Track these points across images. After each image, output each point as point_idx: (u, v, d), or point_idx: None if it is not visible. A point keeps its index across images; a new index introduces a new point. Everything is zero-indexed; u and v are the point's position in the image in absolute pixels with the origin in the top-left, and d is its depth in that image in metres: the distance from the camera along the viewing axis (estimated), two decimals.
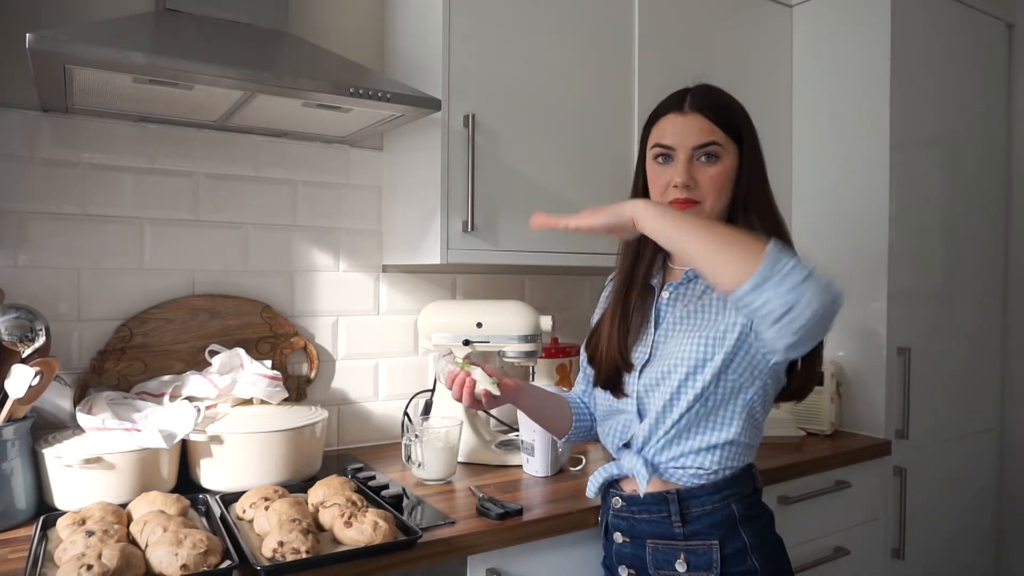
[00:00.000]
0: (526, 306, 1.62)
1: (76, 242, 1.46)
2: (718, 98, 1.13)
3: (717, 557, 1.06)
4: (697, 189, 1.08)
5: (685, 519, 1.07)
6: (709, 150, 1.09)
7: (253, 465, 1.31)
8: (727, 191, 1.10)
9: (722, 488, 1.07)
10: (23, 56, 1.20)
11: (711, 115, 1.09)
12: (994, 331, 2.28)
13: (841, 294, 0.90)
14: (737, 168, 1.10)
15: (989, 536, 2.30)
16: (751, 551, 1.06)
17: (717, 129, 1.09)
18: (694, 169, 1.09)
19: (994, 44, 2.25)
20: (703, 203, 1.09)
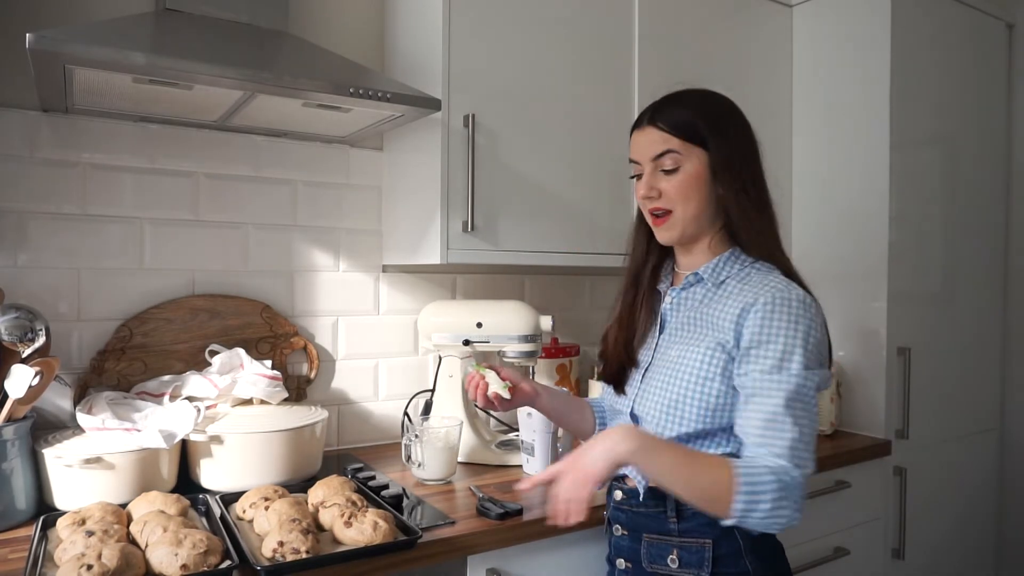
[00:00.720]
0: (526, 306, 1.62)
1: (76, 242, 1.46)
2: (677, 105, 1.12)
3: (709, 556, 1.06)
4: (665, 198, 1.10)
5: (680, 515, 1.08)
6: (665, 160, 1.09)
7: (253, 465, 1.31)
8: (696, 196, 1.09)
9: None
10: (23, 56, 1.20)
11: (664, 125, 1.10)
12: (994, 331, 2.28)
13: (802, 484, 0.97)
14: (707, 171, 1.08)
15: (989, 536, 2.30)
16: (745, 553, 1.06)
17: (672, 138, 1.08)
18: (658, 180, 1.10)
19: (994, 44, 2.25)
20: (674, 211, 1.10)
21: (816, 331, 1.01)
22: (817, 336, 1.01)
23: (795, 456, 0.97)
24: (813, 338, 1.00)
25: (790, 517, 0.95)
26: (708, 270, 1.12)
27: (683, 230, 1.11)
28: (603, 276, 2.18)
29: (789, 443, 0.97)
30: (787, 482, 0.95)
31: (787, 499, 0.95)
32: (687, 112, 1.10)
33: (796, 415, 0.97)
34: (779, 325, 1.00)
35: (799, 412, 0.98)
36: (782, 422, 0.97)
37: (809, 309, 1.02)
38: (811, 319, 1.01)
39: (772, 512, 0.94)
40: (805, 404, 0.98)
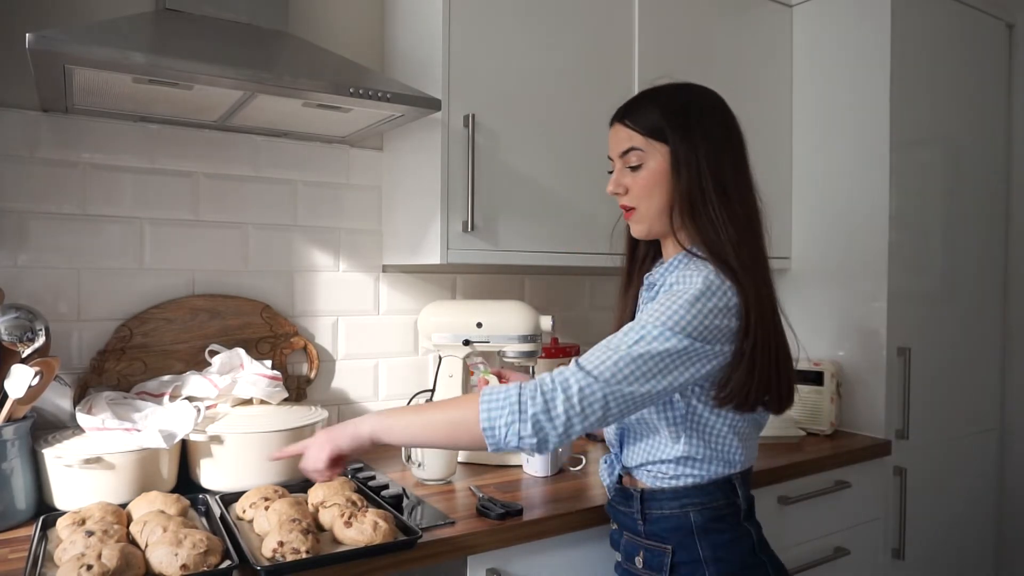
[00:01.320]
0: (526, 306, 1.62)
1: (76, 242, 1.46)
2: (644, 102, 1.12)
3: (668, 562, 1.06)
4: (630, 195, 1.11)
5: (646, 518, 1.09)
6: (629, 157, 1.10)
7: (253, 465, 1.31)
8: (657, 194, 1.08)
9: (683, 496, 1.07)
10: (23, 56, 1.20)
11: (629, 122, 1.10)
12: (994, 331, 2.28)
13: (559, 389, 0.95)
14: (670, 168, 1.07)
15: (989, 536, 2.30)
16: (705, 563, 1.05)
17: (636, 135, 1.09)
18: (624, 177, 1.11)
19: (994, 44, 2.25)
20: (638, 208, 1.11)
21: (699, 311, 0.96)
22: (697, 315, 0.96)
23: (573, 365, 0.96)
24: (688, 314, 0.96)
25: (535, 422, 0.93)
26: (660, 272, 1.12)
27: (650, 226, 1.11)
28: (603, 276, 2.18)
29: (574, 363, 0.96)
30: (534, 386, 0.95)
31: (534, 401, 0.94)
32: (652, 108, 1.10)
33: (619, 342, 0.96)
34: (660, 300, 0.99)
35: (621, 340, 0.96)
36: (593, 353, 0.97)
37: (702, 295, 0.97)
38: (694, 301, 0.97)
39: (516, 417, 0.94)
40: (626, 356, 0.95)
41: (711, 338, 0.97)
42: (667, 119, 1.08)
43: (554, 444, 0.95)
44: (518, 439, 0.94)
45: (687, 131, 1.07)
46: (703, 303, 0.97)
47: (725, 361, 1.00)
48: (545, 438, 0.94)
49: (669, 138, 1.07)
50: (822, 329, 2.05)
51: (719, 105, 1.12)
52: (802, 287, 2.11)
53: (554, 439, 0.95)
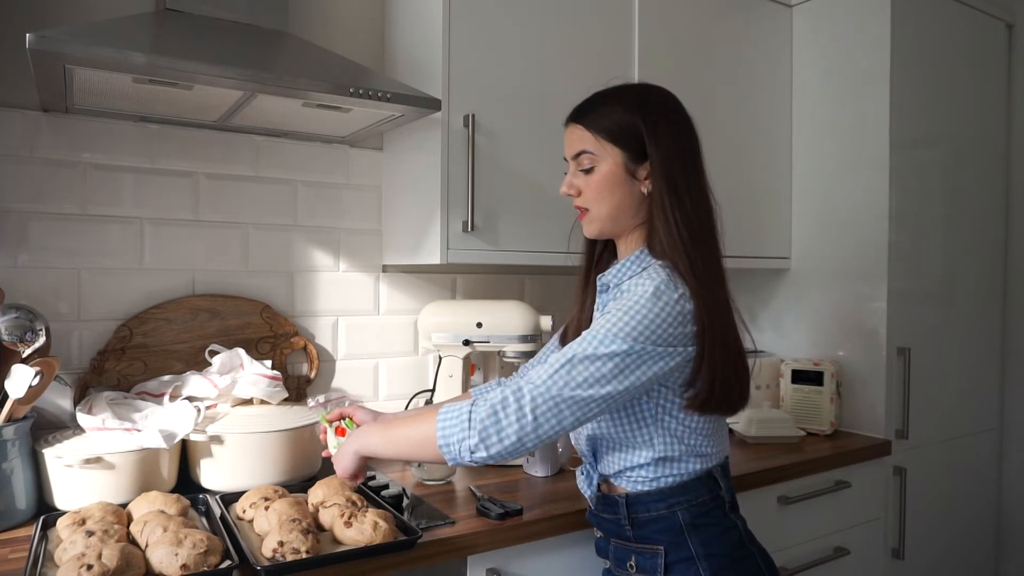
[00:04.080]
0: (526, 306, 1.62)
1: (76, 242, 1.46)
2: (599, 104, 1.10)
3: (661, 563, 1.06)
4: (582, 197, 1.11)
5: (634, 523, 1.08)
6: (580, 161, 1.10)
7: (253, 465, 1.31)
8: (609, 196, 1.08)
9: (668, 496, 1.06)
10: (23, 56, 1.20)
11: (583, 123, 1.10)
12: (994, 331, 2.28)
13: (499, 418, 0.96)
14: (624, 171, 1.07)
15: (989, 536, 2.30)
16: (698, 560, 1.05)
17: (588, 137, 1.08)
18: (577, 178, 1.11)
19: (994, 44, 2.25)
20: (591, 210, 1.10)
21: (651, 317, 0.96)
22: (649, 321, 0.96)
23: (513, 385, 0.98)
24: (638, 320, 0.96)
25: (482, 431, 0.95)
26: (613, 273, 1.11)
27: (601, 227, 1.11)
28: None
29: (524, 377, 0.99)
30: (482, 405, 0.96)
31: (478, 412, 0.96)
32: (606, 111, 1.08)
33: (554, 361, 0.97)
34: (611, 308, 0.99)
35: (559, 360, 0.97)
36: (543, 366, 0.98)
37: (653, 301, 0.97)
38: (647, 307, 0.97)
39: (465, 430, 0.96)
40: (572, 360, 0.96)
41: (661, 342, 0.97)
42: (620, 122, 1.07)
43: (506, 455, 0.96)
44: (470, 453, 0.96)
45: (640, 135, 1.06)
46: (655, 309, 0.97)
47: (683, 362, 1.00)
48: (498, 451, 0.96)
49: (622, 142, 1.06)
50: (822, 329, 2.05)
51: (673, 106, 1.10)
52: (802, 287, 2.11)
53: (505, 451, 0.96)
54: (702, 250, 1.04)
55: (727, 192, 1.82)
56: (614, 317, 0.98)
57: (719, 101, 1.97)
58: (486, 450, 0.95)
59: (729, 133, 1.99)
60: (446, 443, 0.97)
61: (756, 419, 1.81)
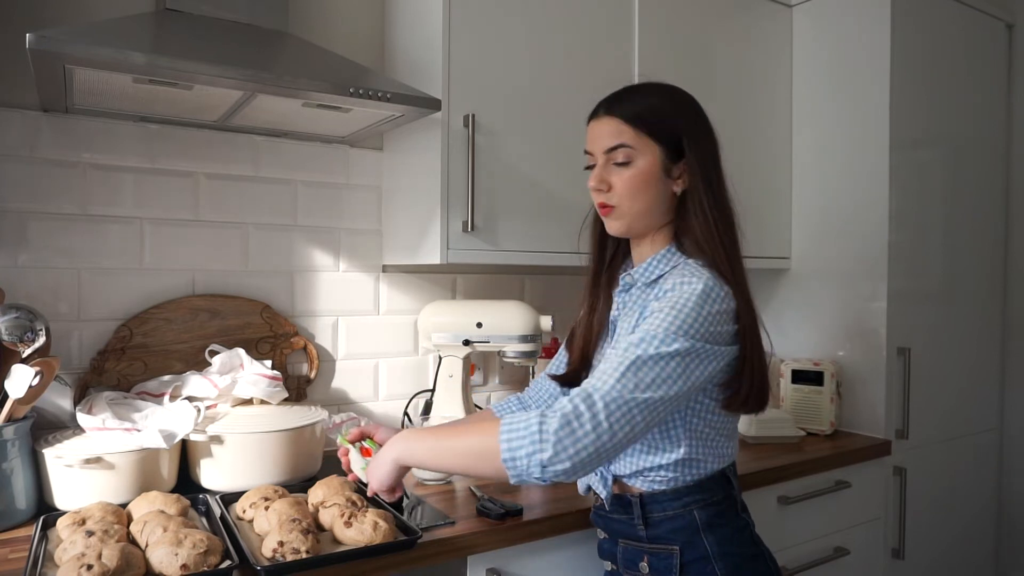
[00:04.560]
0: (526, 306, 1.62)
1: (76, 242, 1.46)
2: (635, 97, 1.09)
3: (677, 563, 1.05)
4: (611, 192, 1.07)
5: (647, 523, 1.07)
6: (618, 153, 1.06)
7: (253, 465, 1.31)
8: (643, 193, 1.06)
9: (684, 495, 1.06)
10: (23, 56, 1.20)
11: (621, 116, 1.06)
12: (994, 331, 2.28)
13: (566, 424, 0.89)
14: (660, 168, 1.06)
15: (989, 536, 2.30)
16: (714, 560, 1.04)
17: (628, 130, 1.05)
18: (609, 173, 1.07)
19: (994, 44, 2.25)
20: (619, 207, 1.07)
21: (704, 315, 0.96)
22: (703, 319, 0.96)
23: (589, 383, 0.92)
24: (693, 318, 0.96)
25: (557, 443, 0.87)
26: (640, 270, 1.10)
27: (630, 224, 1.08)
28: None
29: (588, 383, 0.92)
30: (554, 410, 0.90)
31: (552, 422, 0.89)
32: (645, 105, 1.07)
33: (617, 364, 0.92)
34: (662, 306, 0.98)
35: (622, 363, 0.92)
36: (603, 369, 0.94)
37: (705, 300, 0.97)
38: (700, 305, 0.96)
39: (537, 443, 0.88)
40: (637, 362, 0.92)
41: (713, 340, 0.97)
42: (661, 119, 1.06)
43: (580, 469, 0.89)
44: (541, 469, 0.88)
45: (678, 134, 1.06)
46: (707, 307, 0.97)
47: (727, 362, 1.00)
48: (574, 464, 0.88)
49: (662, 138, 1.05)
50: (822, 329, 2.05)
51: (700, 109, 1.11)
52: (802, 287, 2.11)
53: (581, 464, 0.89)
54: (736, 250, 1.06)
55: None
56: (670, 315, 0.96)
57: (719, 101, 1.97)
58: (561, 464, 0.88)
59: (729, 133, 1.96)
60: (513, 457, 0.89)
61: (756, 419, 1.81)
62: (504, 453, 0.90)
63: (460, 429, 0.99)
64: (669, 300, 0.98)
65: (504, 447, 0.90)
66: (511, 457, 0.90)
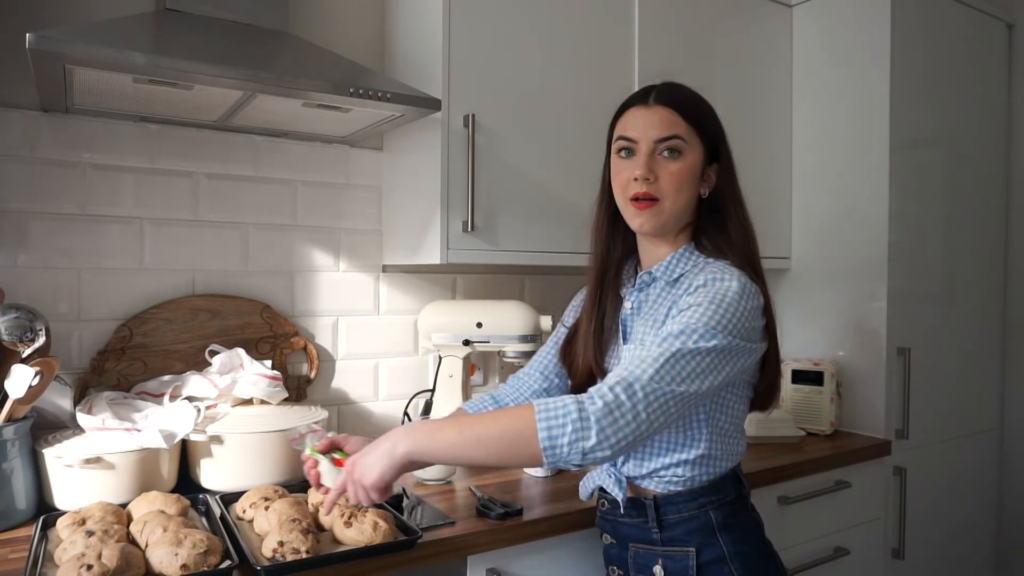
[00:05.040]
0: (526, 306, 1.62)
1: (76, 242, 1.46)
2: (686, 94, 1.10)
3: (693, 564, 1.04)
4: (657, 184, 1.05)
5: (662, 525, 1.06)
6: (671, 144, 1.04)
7: (253, 465, 1.31)
8: (687, 190, 1.06)
9: (699, 495, 1.05)
10: (23, 56, 1.20)
11: (677, 108, 1.06)
12: (994, 331, 2.28)
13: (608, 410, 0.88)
14: (701, 167, 1.07)
15: (989, 536, 2.30)
16: (730, 560, 1.04)
17: (682, 123, 1.05)
18: (655, 163, 1.05)
19: (994, 44, 2.25)
20: (662, 201, 1.05)
21: (741, 312, 0.97)
22: (740, 316, 0.97)
23: (626, 371, 0.91)
24: (731, 314, 0.96)
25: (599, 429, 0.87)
26: (662, 268, 1.10)
27: (666, 222, 1.07)
28: None
29: (625, 371, 0.91)
30: (592, 394, 0.89)
31: (594, 405, 0.88)
32: (695, 102, 1.09)
33: (657, 355, 0.92)
34: (699, 301, 0.98)
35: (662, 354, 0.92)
36: (641, 358, 0.93)
37: (741, 296, 0.98)
38: (737, 302, 0.97)
39: (579, 428, 0.87)
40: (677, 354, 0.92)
41: (746, 336, 0.99)
42: (709, 119, 1.09)
43: (618, 454, 0.89)
44: (582, 455, 0.87)
45: (717, 137, 1.10)
46: (743, 303, 0.98)
47: (756, 359, 1.03)
48: (616, 450, 0.88)
49: (706, 139, 1.08)
50: (822, 329, 2.05)
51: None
52: (802, 287, 2.11)
53: (620, 449, 0.88)
54: (758, 251, 1.10)
55: None
56: (709, 309, 0.96)
57: (719, 101, 1.93)
58: (602, 451, 0.87)
59: (729, 133, 1.96)
60: (552, 444, 0.87)
61: (756, 419, 1.81)
62: (544, 440, 0.87)
63: (482, 419, 0.94)
64: (707, 295, 0.98)
65: (543, 434, 0.87)
66: (551, 444, 0.87)
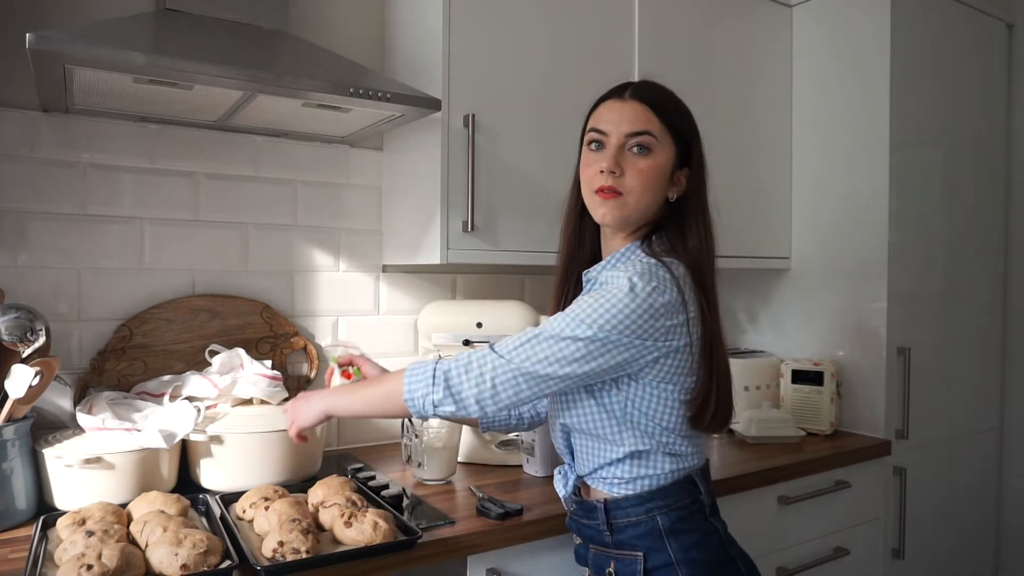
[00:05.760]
0: (526, 306, 1.62)
1: (76, 242, 1.46)
2: (663, 93, 1.08)
3: (641, 568, 1.04)
4: (623, 179, 1.03)
5: (612, 528, 1.07)
6: (641, 140, 1.03)
7: (253, 465, 1.31)
8: (652, 190, 1.04)
9: (647, 500, 1.05)
10: (23, 56, 1.20)
11: (650, 104, 1.05)
12: (994, 331, 2.28)
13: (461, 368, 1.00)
14: (670, 168, 1.05)
15: (989, 536, 2.30)
16: (677, 565, 1.04)
17: (655, 120, 1.04)
18: (623, 158, 1.03)
19: (994, 44, 2.25)
20: (627, 196, 1.03)
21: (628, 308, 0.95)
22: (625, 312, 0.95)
23: (483, 350, 1.01)
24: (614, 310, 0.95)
25: (446, 382, 0.99)
26: (598, 268, 1.10)
27: (629, 216, 1.05)
28: None
29: (500, 343, 1.01)
30: (447, 364, 1.01)
31: (444, 365, 1.01)
32: (671, 100, 1.08)
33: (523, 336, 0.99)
34: (584, 298, 0.99)
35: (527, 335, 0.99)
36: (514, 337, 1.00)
37: (631, 293, 0.96)
38: (624, 298, 0.96)
39: (430, 381, 1.00)
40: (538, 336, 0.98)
41: (635, 334, 0.96)
42: (684, 120, 1.07)
43: (465, 414, 1.00)
44: (433, 408, 1.00)
45: (690, 139, 1.08)
46: (634, 301, 0.96)
47: (659, 357, 0.99)
48: (457, 410, 0.99)
49: (679, 140, 1.06)
50: (822, 329, 2.05)
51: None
52: (802, 287, 2.11)
53: (464, 410, 0.99)
54: (713, 262, 1.07)
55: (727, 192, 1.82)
56: (588, 305, 0.98)
57: (719, 101, 1.97)
58: (447, 406, 0.99)
59: (729, 133, 1.99)
60: (411, 397, 1.01)
61: (756, 419, 1.81)
62: (405, 394, 1.01)
63: (373, 380, 1.12)
64: (596, 293, 0.99)
65: (406, 388, 1.01)
66: (410, 398, 1.01)
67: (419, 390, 1.01)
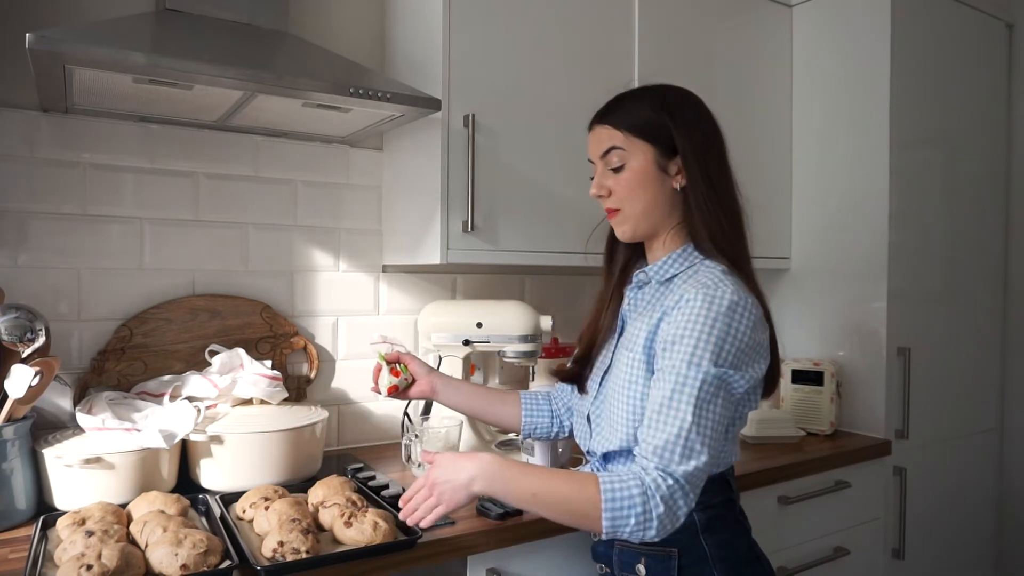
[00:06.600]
0: (526, 306, 1.62)
1: (76, 242, 1.46)
2: (625, 103, 1.11)
3: (675, 565, 1.05)
4: (612, 197, 1.10)
5: None
6: (608, 159, 1.09)
7: (253, 465, 1.31)
8: (641, 192, 1.07)
9: None
10: (23, 56, 1.20)
11: (611, 122, 1.10)
12: (994, 331, 2.28)
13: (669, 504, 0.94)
14: (653, 165, 1.07)
15: (989, 536, 2.30)
16: (713, 562, 1.04)
17: (617, 133, 1.08)
18: (607, 178, 1.10)
19: (994, 44, 2.25)
20: (623, 210, 1.10)
21: (740, 333, 0.97)
22: (741, 338, 0.97)
23: (666, 456, 0.94)
24: (733, 339, 0.97)
25: (660, 526, 0.92)
26: (655, 268, 1.11)
27: (635, 226, 1.10)
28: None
29: (663, 441, 0.94)
30: (653, 491, 0.93)
31: (657, 508, 0.92)
32: (633, 108, 1.09)
33: (682, 409, 0.94)
34: (694, 324, 0.97)
35: (685, 406, 0.94)
36: (664, 416, 0.95)
37: (735, 311, 0.98)
38: (735, 321, 0.97)
39: (642, 524, 0.92)
40: (700, 399, 0.95)
41: (743, 362, 0.98)
42: (647, 117, 1.08)
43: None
44: (640, 540, 0.94)
45: (668, 129, 1.07)
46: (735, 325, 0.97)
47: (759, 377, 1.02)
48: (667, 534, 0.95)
49: (651, 137, 1.07)
50: (822, 329, 2.05)
51: (696, 102, 1.12)
52: (802, 287, 2.11)
53: (680, 524, 0.95)
54: (743, 244, 1.09)
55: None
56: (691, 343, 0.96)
57: (719, 101, 1.93)
58: (659, 536, 0.94)
59: (729, 133, 1.96)
60: (613, 527, 0.93)
61: (756, 419, 1.81)
62: (608, 523, 0.93)
63: (555, 477, 0.99)
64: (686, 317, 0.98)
65: (608, 515, 0.92)
66: (612, 527, 0.93)
67: (628, 524, 0.93)
